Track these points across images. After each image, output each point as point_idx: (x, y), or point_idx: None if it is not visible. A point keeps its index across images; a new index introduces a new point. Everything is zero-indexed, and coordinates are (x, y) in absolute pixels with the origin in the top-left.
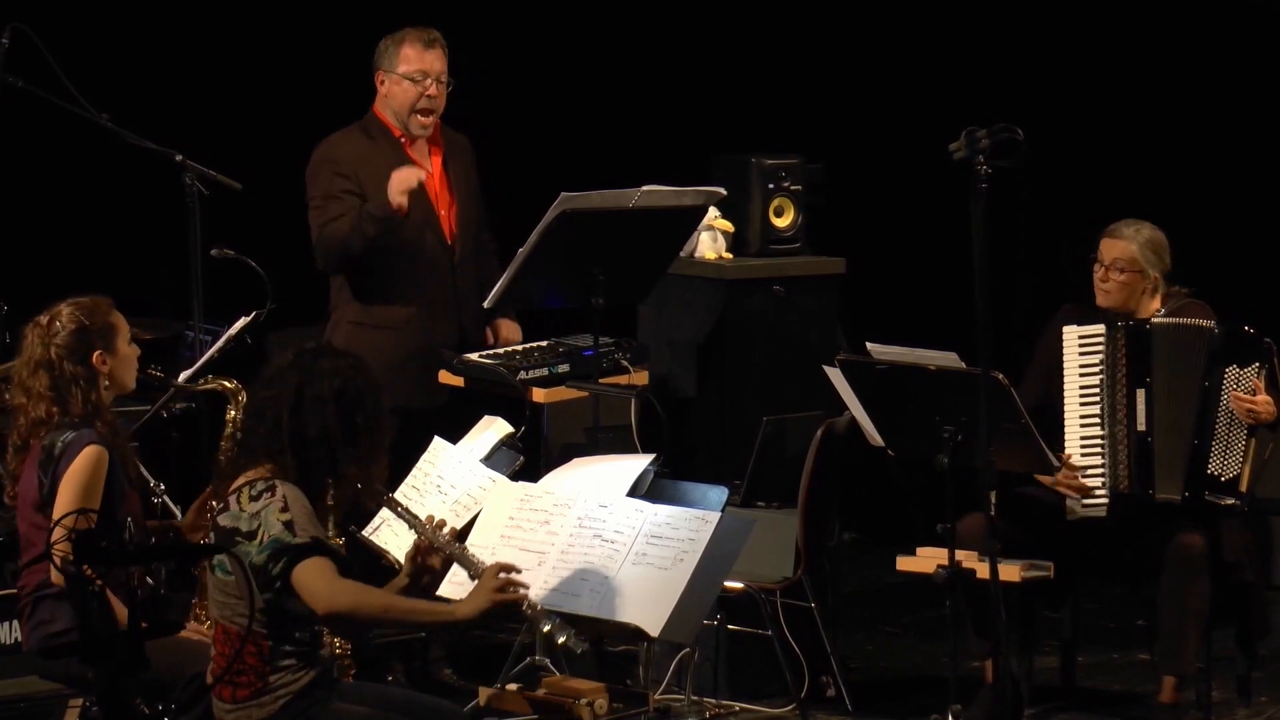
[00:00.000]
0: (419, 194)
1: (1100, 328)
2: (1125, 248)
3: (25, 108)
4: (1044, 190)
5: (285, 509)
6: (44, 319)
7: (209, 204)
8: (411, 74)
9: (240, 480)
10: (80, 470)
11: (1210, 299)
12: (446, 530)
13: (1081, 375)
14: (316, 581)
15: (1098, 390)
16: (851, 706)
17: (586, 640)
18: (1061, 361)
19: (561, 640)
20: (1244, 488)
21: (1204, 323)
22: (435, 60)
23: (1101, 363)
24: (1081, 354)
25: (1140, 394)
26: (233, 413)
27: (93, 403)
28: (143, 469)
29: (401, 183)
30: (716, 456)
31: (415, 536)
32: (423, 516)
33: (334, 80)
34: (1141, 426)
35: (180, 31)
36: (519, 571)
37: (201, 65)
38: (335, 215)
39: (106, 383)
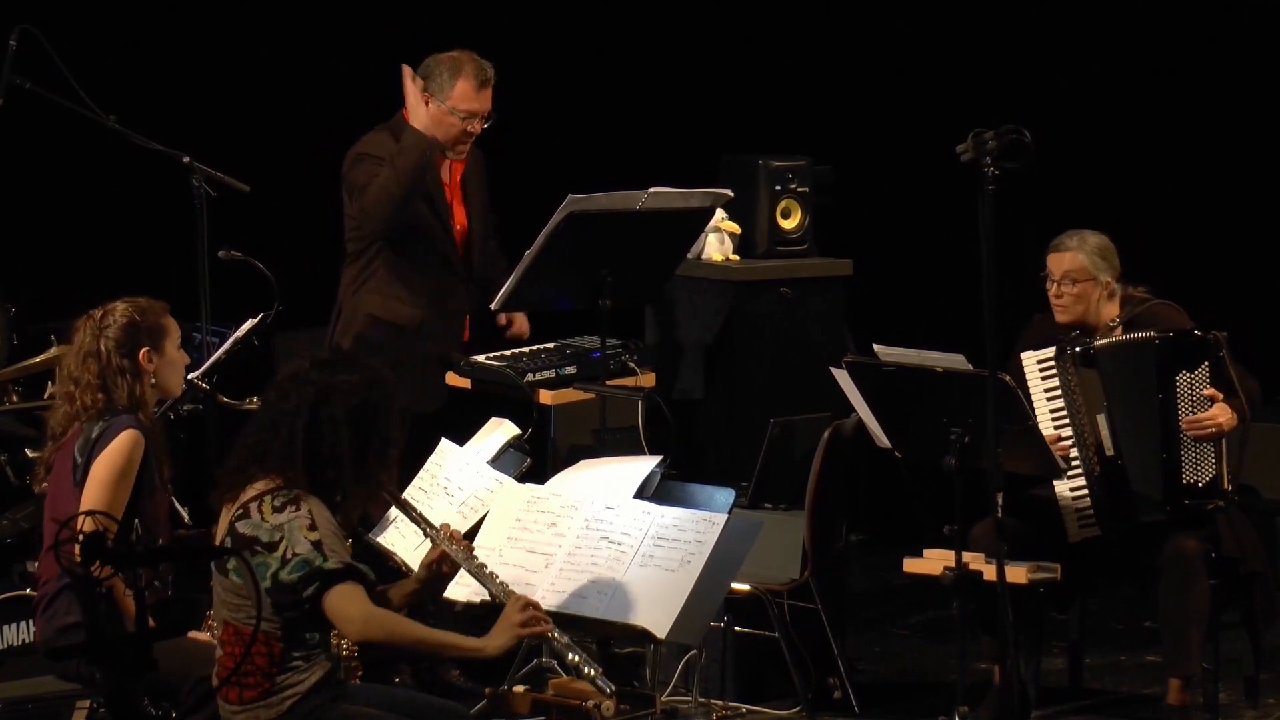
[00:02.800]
0: (437, 203)
1: (1051, 351)
2: (1073, 258)
3: (33, 109)
4: (1052, 191)
5: (313, 527)
6: (98, 312)
7: (216, 205)
8: (460, 112)
9: (257, 488)
10: (116, 452)
11: (1190, 297)
12: (459, 543)
13: (1049, 400)
14: (351, 609)
15: (1066, 413)
16: (858, 708)
17: (610, 687)
18: (1028, 388)
19: (588, 673)
20: (1226, 485)
21: (1144, 335)
22: (486, 100)
23: (1059, 386)
24: (1043, 378)
25: (1101, 419)
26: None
27: (137, 397)
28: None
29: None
30: (723, 458)
31: (424, 537)
32: (434, 521)
33: (342, 81)
34: (1110, 451)
35: (187, 33)
36: (539, 608)
37: (208, 66)
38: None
39: (152, 381)
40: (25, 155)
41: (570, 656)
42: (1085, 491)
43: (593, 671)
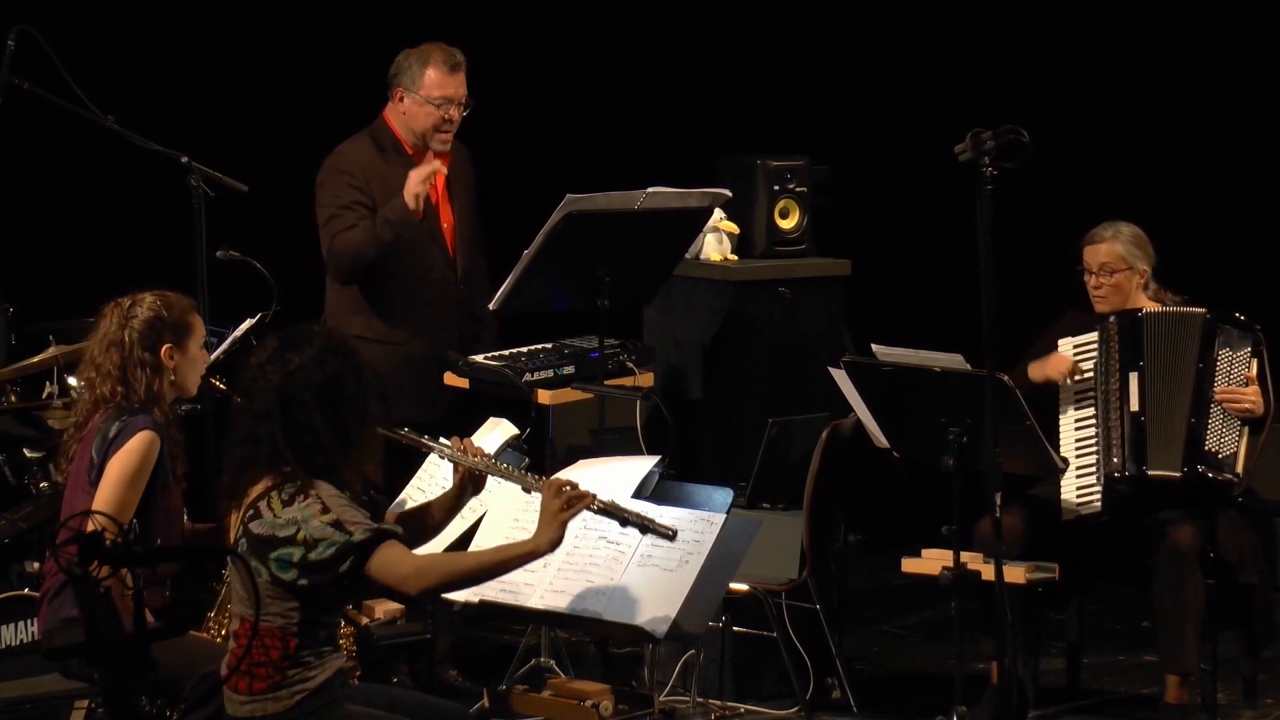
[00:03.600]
0: (424, 208)
1: (1093, 334)
2: (1109, 249)
3: (31, 110)
4: (1050, 191)
5: (326, 510)
6: (126, 301)
7: (215, 206)
8: (434, 99)
9: (260, 488)
10: (131, 453)
11: (1205, 302)
12: (475, 451)
13: (1076, 381)
14: (400, 567)
15: (1092, 390)
16: (857, 708)
17: (672, 530)
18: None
19: (647, 522)
20: (1240, 468)
21: (1195, 309)
22: (459, 85)
23: (1094, 365)
24: (1077, 361)
25: (1133, 376)
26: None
27: (155, 392)
28: None
29: (417, 180)
30: (722, 458)
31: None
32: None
33: (339, 81)
34: (1135, 407)
35: (185, 33)
36: (573, 485)
37: (207, 67)
38: (349, 224)
39: (171, 378)
40: (24, 155)
41: (623, 514)
42: (1093, 468)
43: (650, 519)
